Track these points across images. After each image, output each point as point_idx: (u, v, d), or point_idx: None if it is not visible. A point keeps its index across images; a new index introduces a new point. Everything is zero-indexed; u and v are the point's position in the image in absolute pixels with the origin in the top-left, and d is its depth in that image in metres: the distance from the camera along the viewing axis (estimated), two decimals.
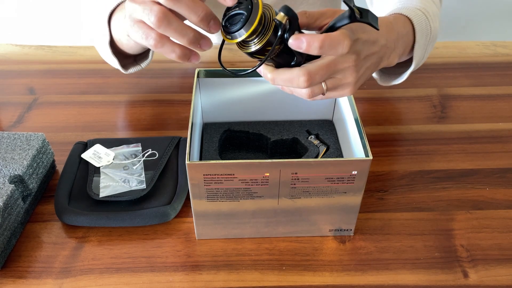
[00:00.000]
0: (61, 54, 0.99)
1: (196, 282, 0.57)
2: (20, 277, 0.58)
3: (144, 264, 0.59)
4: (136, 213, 0.63)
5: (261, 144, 0.71)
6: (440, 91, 0.89)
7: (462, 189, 0.69)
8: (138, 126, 0.81)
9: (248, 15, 0.47)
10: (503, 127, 0.81)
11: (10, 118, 0.82)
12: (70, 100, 0.86)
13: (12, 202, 0.60)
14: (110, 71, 0.93)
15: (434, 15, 0.73)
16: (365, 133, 0.58)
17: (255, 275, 0.58)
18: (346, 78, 0.54)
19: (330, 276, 0.58)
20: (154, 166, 0.69)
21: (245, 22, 0.47)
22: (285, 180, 0.55)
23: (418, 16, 0.70)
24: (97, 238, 0.62)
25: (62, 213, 0.63)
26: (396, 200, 0.67)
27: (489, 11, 1.82)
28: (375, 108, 0.85)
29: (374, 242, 0.62)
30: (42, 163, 0.67)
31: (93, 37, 0.81)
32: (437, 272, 0.59)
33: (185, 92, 0.88)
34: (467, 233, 0.63)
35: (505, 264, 0.60)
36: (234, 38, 0.48)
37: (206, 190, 0.56)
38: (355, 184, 0.56)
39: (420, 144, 0.77)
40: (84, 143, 0.73)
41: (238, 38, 0.48)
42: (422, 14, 0.70)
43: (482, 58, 0.98)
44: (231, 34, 0.48)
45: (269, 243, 0.62)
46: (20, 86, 0.90)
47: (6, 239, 0.59)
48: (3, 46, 1.01)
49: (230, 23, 0.48)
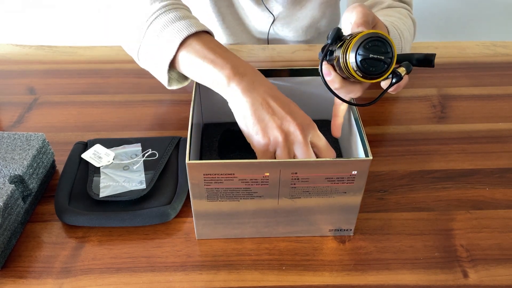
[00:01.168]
0: (61, 54, 0.99)
1: (196, 282, 0.57)
2: (20, 277, 0.58)
3: (144, 264, 0.59)
4: (136, 213, 0.63)
5: None
6: (440, 91, 0.89)
7: (462, 189, 0.69)
8: (138, 126, 0.81)
9: (388, 67, 0.52)
10: (503, 127, 0.81)
11: (10, 118, 0.82)
12: (70, 100, 0.86)
13: (12, 202, 0.60)
14: (110, 71, 0.93)
15: (406, 41, 0.77)
16: (365, 133, 0.58)
17: (255, 275, 0.58)
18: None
19: (330, 276, 0.58)
20: (154, 166, 0.69)
21: (385, 72, 0.53)
22: (285, 180, 0.55)
23: (394, 34, 0.74)
24: (97, 238, 0.62)
25: (62, 213, 0.63)
26: (396, 200, 0.68)
27: (489, 11, 1.82)
28: (375, 108, 0.85)
29: (374, 242, 0.62)
30: (42, 163, 0.67)
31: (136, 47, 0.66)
32: (437, 272, 0.59)
33: (185, 92, 0.88)
34: (467, 233, 0.63)
35: (505, 264, 0.60)
36: (365, 78, 0.53)
37: (206, 189, 0.56)
38: (355, 184, 0.56)
39: (420, 144, 0.77)
40: (84, 143, 0.73)
41: (369, 80, 0.53)
42: (397, 34, 0.74)
43: (482, 58, 0.98)
44: (369, 75, 0.53)
45: (269, 243, 0.62)
46: (20, 86, 0.90)
47: (6, 239, 0.59)
48: (3, 46, 1.01)
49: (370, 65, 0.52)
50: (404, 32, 0.76)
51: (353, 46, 0.51)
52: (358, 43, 0.51)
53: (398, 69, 0.54)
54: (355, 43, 0.51)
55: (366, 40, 0.51)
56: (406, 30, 0.78)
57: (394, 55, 0.52)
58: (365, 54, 0.51)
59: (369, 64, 0.51)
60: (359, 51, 0.51)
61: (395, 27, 0.75)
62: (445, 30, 1.89)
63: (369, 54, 0.51)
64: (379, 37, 0.51)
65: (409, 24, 0.81)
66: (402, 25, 0.77)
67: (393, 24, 0.75)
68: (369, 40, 0.51)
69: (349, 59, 0.52)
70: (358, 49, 0.51)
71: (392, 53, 0.52)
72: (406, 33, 0.77)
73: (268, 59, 0.97)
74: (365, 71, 0.52)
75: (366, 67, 0.51)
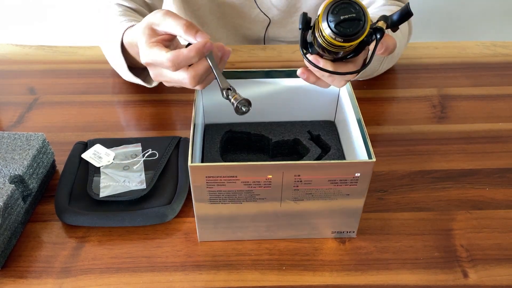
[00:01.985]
0: (61, 54, 0.99)
1: (196, 282, 0.57)
2: (20, 277, 0.58)
3: (144, 264, 0.59)
4: (136, 213, 0.63)
5: (263, 145, 0.71)
6: (440, 91, 0.89)
7: (462, 189, 0.69)
8: (138, 126, 0.81)
9: (364, 22, 0.52)
10: (503, 127, 0.81)
11: (11, 118, 0.82)
12: (70, 100, 0.86)
13: (12, 202, 0.60)
14: (110, 71, 0.93)
15: (396, 37, 0.77)
16: (368, 135, 0.57)
17: (255, 275, 0.58)
18: None
19: (330, 276, 0.58)
20: (154, 166, 0.69)
21: (363, 28, 0.52)
22: (287, 182, 0.55)
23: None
24: (97, 238, 0.62)
25: (62, 213, 0.63)
26: (396, 200, 0.68)
27: (489, 11, 1.82)
28: (375, 108, 0.85)
29: (374, 242, 0.62)
30: (42, 163, 0.67)
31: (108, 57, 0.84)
32: (437, 272, 0.59)
33: (185, 92, 0.87)
34: (467, 233, 0.63)
35: (505, 264, 0.60)
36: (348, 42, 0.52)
37: (209, 192, 0.55)
38: (358, 186, 0.56)
39: (420, 144, 0.77)
40: (84, 143, 0.73)
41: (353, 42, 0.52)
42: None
43: (482, 58, 0.98)
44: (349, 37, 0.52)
45: (269, 243, 0.62)
46: (21, 86, 0.90)
47: (6, 239, 0.59)
48: (3, 46, 1.01)
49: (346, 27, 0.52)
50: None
51: (322, 16, 0.52)
52: (326, 11, 0.52)
53: (377, 24, 0.54)
54: (323, 13, 0.52)
55: (332, 6, 0.52)
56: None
57: (365, 11, 0.52)
58: (335, 18, 0.51)
59: (344, 26, 0.51)
60: (329, 18, 0.51)
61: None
62: (445, 30, 1.89)
63: (340, 17, 0.51)
64: (343, 1, 0.52)
65: None
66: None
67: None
68: (335, 5, 0.51)
69: (325, 31, 0.52)
70: (328, 16, 0.51)
71: (362, 9, 0.52)
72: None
73: (268, 59, 0.96)
74: (344, 34, 0.52)
75: (342, 30, 0.51)
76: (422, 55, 0.98)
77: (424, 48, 1.00)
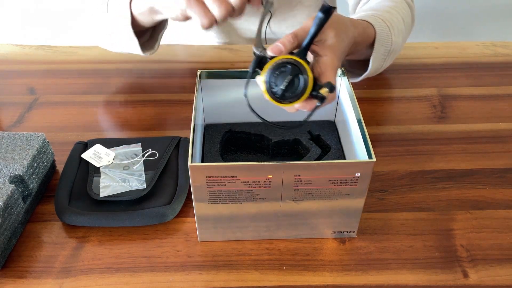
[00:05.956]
0: (61, 54, 0.99)
1: (196, 282, 0.57)
2: (20, 277, 0.58)
3: (144, 264, 0.59)
4: (136, 213, 0.63)
5: (263, 145, 0.71)
6: (440, 91, 0.89)
7: (462, 189, 0.69)
8: (138, 126, 0.81)
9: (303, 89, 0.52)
10: (503, 127, 0.81)
11: (11, 118, 0.82)
12: (70, 100, 0.86)
13: (12, 202, 0.60)
14: (110, 71, 0.93)
15: (399, 31, 0.79)
16: (368, 135, 0.57)
17: (255, 275, 0.58)
18: None
19: (330, 276, 0.58)
20: (154, 166, 0.69)
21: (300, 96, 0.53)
22: (288, 182, 0.55)
23: (381, 26, 0.76)
24: (97, 238, 0.62)
25: (62, 213, 0.63)
26: (396, 200, 0.68)
27: (489, 11, 1.82)
28: (375, 108, 0.85)
29: (374, 242, 0.62)
30: (42, 163, 0.67)
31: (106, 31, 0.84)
32: (437, 272, 0.59)
33: (185, 92, 0.88)
34: (467, 233, 0.63)
35: (505, 264, 0.60)
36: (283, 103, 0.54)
37: (209, 192, 0.55)
38: (358, 186, 0.56)
39: (420, 144, 0.77)
40: (84, 143, 0.73)
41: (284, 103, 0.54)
42: (386, 26, 0.77)
43: (482, 58, 0.98)
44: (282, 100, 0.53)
45: (269, 243, 0.62)
46: (21, 86, 0.90)
47: (6, 239, 0.59)
48: (3, 46, 1.01)
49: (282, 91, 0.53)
50: (394, 22, 0.78)
51: (265, 75, 0.53)
52: (268, 73, 0.53)
53: (321, 91, 0.54)
54: (266, 73, 0.53)
55: (274, 68, 0.53)
56: (396, 20, 0.79)
57: (307, 72, 0.52)
58: (274, 82, 0.53)
59: (281, 91, 0.53)
60: (270, 80, 0.53)
61: (383, 19, 0.77)
62: (445, 30, 1.89)
63: (278, 82, 0.52)
64: (287, 62, 0.52)
65: (403, 12, 0.83)
66: (388, 15, 0.79)
67: (380, 17, 0.77)
68: (276, 67, 0.52)
69: (265, 92, 0.53)
70: (269, 77, 0.53)
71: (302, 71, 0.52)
72: (396, 23, 0.79)
73: None
74: (281, 98, 0.53)
75: (280, 94, 0.53)
76: (422, 55, 0.98)
77: (424, 48, 1.01)
